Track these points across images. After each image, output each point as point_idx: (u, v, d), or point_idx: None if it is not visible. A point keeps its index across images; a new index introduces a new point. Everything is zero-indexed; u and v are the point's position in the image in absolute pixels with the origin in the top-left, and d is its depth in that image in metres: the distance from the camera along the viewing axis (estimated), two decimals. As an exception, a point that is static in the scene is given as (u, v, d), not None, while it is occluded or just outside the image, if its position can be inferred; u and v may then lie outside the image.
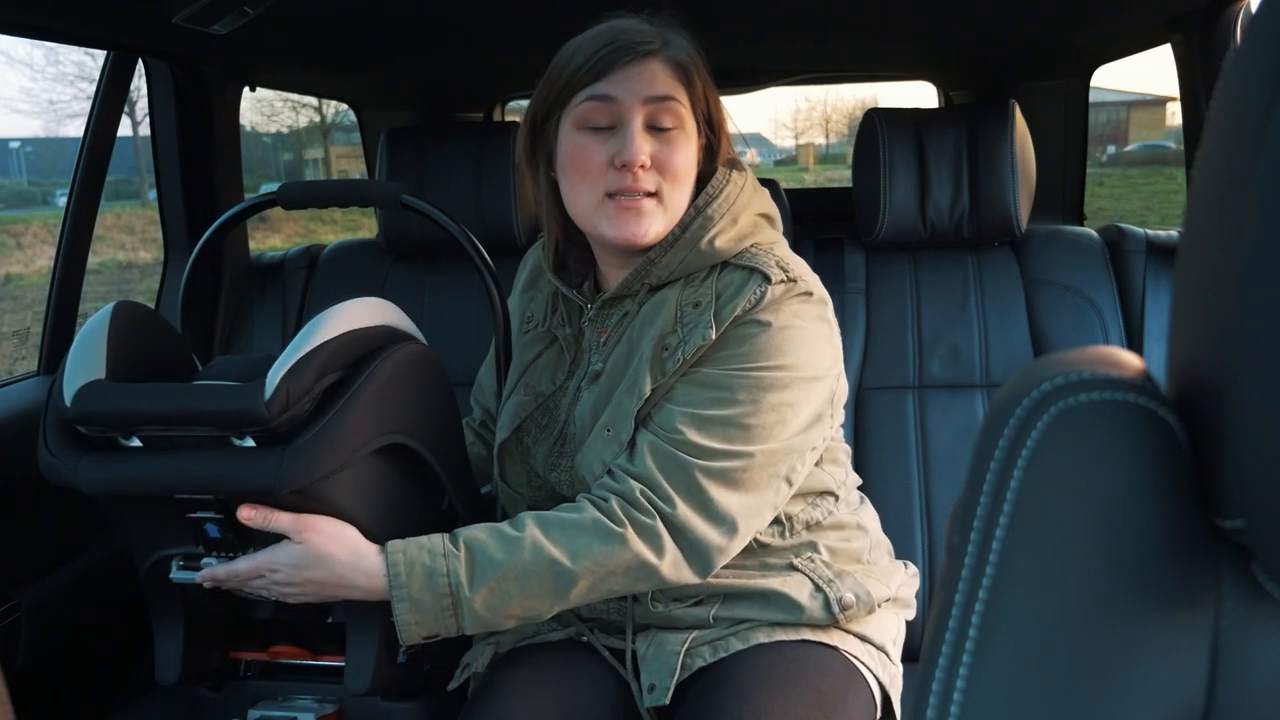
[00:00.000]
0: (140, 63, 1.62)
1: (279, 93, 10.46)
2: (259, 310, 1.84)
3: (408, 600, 0.96)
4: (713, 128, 1.07)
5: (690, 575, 0.99)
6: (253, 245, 2.01)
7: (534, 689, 1.05)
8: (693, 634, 1.07)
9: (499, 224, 1.71)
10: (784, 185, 1.73)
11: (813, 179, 17.76)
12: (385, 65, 1.88)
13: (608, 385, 1.05)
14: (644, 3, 1.06)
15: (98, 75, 1.58)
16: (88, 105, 1.58)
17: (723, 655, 1.05)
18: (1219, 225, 0.37)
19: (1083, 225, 2.00)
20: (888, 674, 1.12)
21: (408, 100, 2.27)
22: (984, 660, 0.40)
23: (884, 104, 1.72)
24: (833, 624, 1.09)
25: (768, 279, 1.01)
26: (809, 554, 1.10)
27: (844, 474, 1.17)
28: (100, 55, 1.56)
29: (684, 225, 1.04)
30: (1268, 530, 0.36)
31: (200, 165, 1.78)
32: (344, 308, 0.95)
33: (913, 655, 1.30)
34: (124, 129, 2.27)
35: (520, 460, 1.13)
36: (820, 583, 1.09)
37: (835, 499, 1.14)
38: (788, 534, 1.09)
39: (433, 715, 1.16)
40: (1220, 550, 0.41)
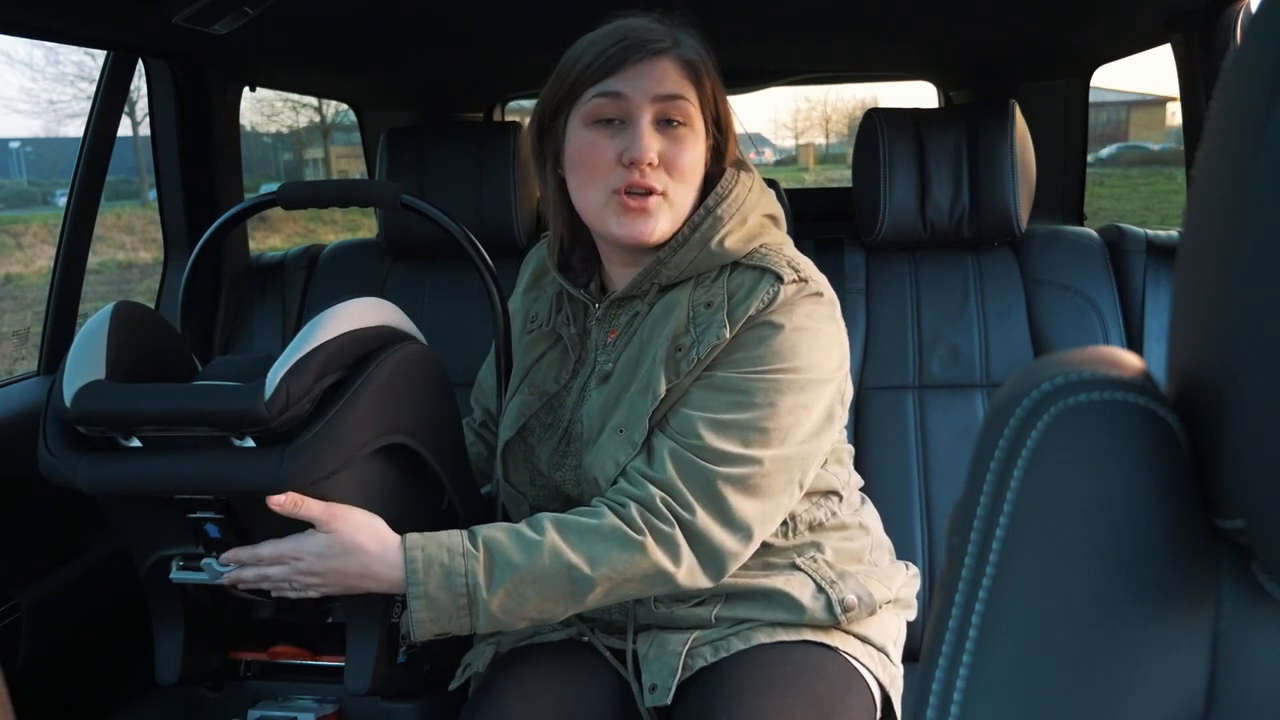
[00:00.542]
0: (140, 63, 1.62)
1: (279, 93, 10.46)
2: (259, 310, 1.84)
3: (424, 598, 0.95)
4: (720, 128, 1.07)
5: (704, 581, 1.00)
6: (253, 245, 2.01)
7: (535, 689, 1.05)
8: (694, 634, 1.07)
9: (499, 224, 1.71)
10: (784, 185, 1.73)
11: (813, 179, 17.76)
12: (385, 65, 1.88)
13: (618, 386, 1.05)
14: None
15: (98, 75, 1.58)
16: (88, 105, 1.58)
17: (724, 655, 1.05)
18: (1219, 225, 0.37)
19: (1083, 225, 2.00)
20: (888, 675, 1.12)
21: (408, 100, 2.27)
22: (984, 660, 0.40)
23: (884, 104, 1.72)
24: (834, 625, 1.09)
25: (780, 279, 1.01)
26: (812, 554, 1.11)
27: (847, 474, 1.17)
28: (100, 55, 1.56)
29: (694, 225, 1.04)
30: (1268, 530, 0.36)
31: (200, 165, 1.78)
32: (344, 308, 0.95)
33: (913, 655, 1.30)
34: (124, 129, 2.27)
35: (523, 460, 1.13)
36: (823, 583, 1.09)
37: (839, 499, 1.14)
38: (791, 534, 1.10)
39: (433, 715, 1.16)
40: (1220, 550, 0.41)
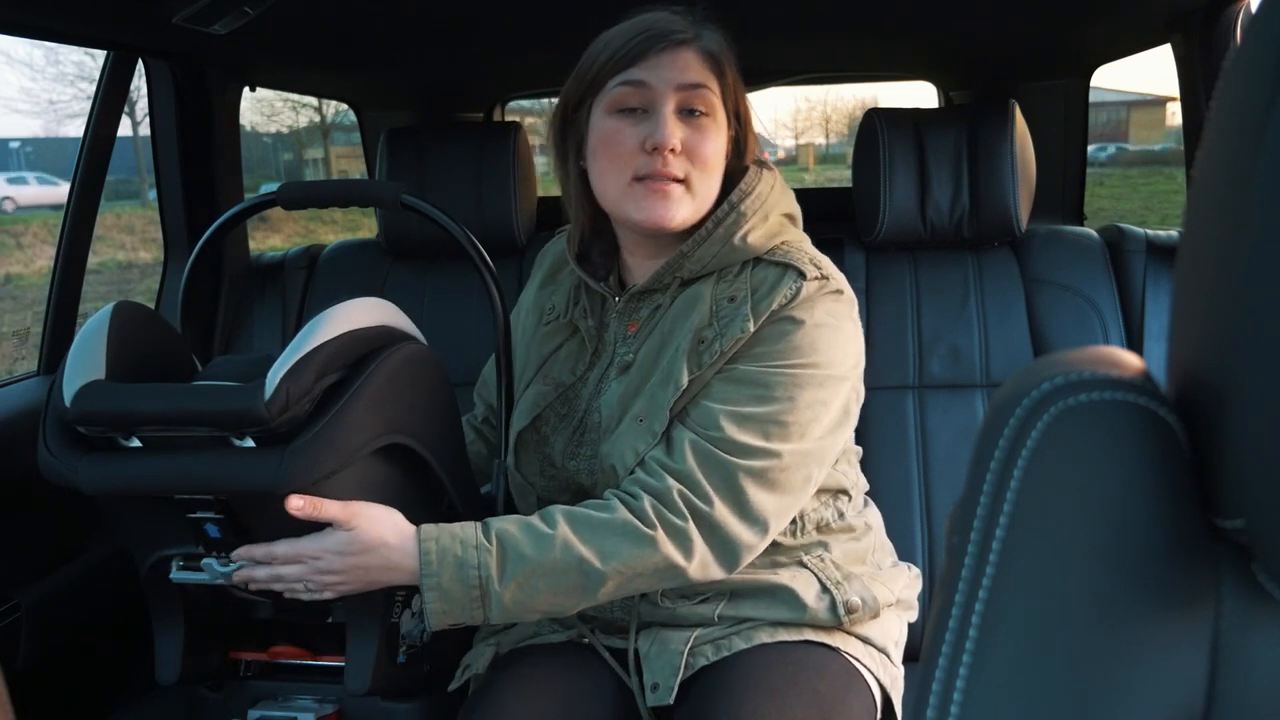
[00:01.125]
0: (140, 63, 1.62)
1: (279, 93, 10.46)
2: (259, 310, 1.84)
3: (437, 589, 0.96)
4: (741, 122, 1.08)
5: (717, 573, 1.00)
6: (253, 245, 2.01)
7: (533, 690, 1.05)
8: (696, 632, 1.07)
9: (499, 224, 1.71)
10: (784, 185, 1.73)
11: (813, 179, 17.76)
12: (385, 65, 1.88)
13: (639, 376, 1.06)
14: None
15: (98, 75, 1.58)
16: (88, 105, 1.58)
17: (725, 654, 1.05)
18: (1219, 225, 0.37)
19: (1083, 225, 2.00)
20: (889, 676, 1.12)
21: (408, 100, 2.27)
22: (984, 660, 0.40)
23: (884, 104, 1.72)
24: (836, 626, 1.09)
25: (803, 275, 1.03)
26: (819, 553, 1.11)
27: (855, 475, 1.18)
28: (100, 55, 1.56)
29: (717, 220, 1.05)
30: (1268, 530, 0.36)
31: (200, 165, 1.78)
32: (344, 308, 0.95)
33: (914, 656, 1.30)
34: (124, 129, 2.27)
35: (535, 450, 1.13)
36: (828, 583, 1.09)
37: (847, 499, 1.15)
38: (799, 533, 1.10)
39: (433, 715, 1.16)
40: (1220, 550, 0.41)
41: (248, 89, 1.86)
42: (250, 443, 0.90)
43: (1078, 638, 0.39)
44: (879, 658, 1.12)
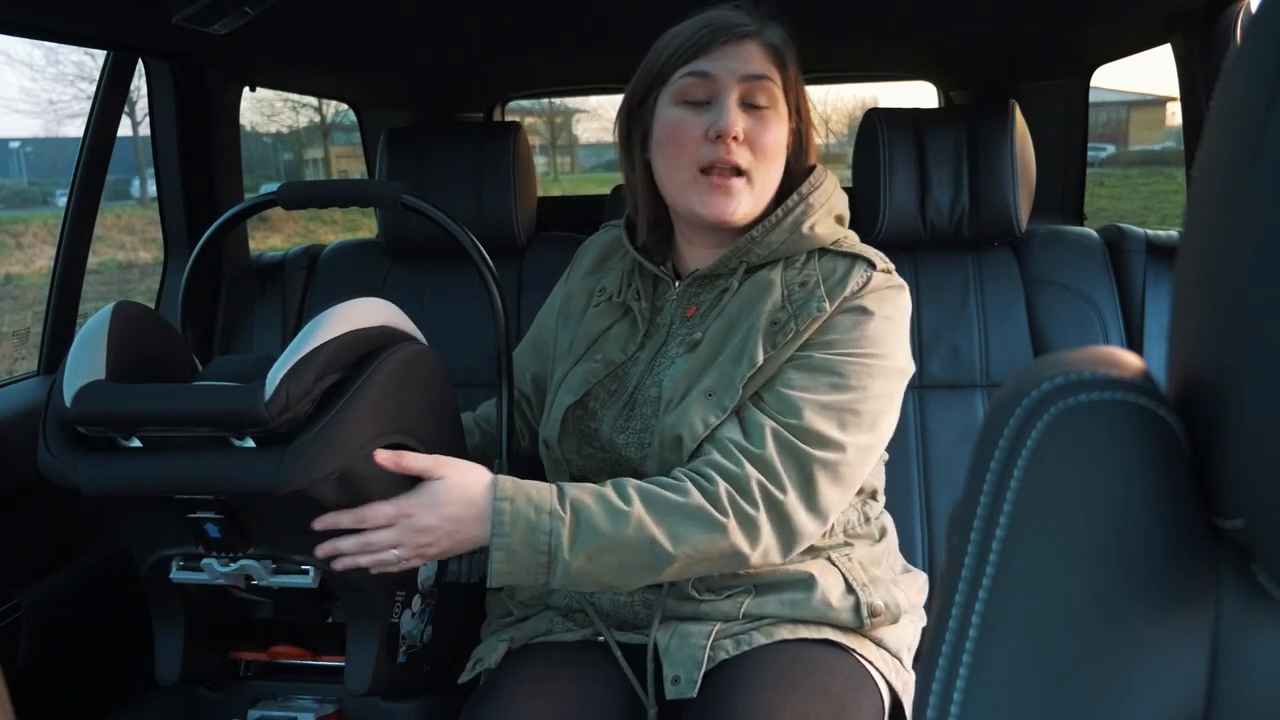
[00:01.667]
0: (140, 63, 1.62)
1: (279, 93, 10.46)
2: (259, 310, 1.84)
3: (506, 550, 0.97)
4: (802, 117, 1.11)
5: (775, 559, 1.02)
6: (253, 245, 2.01)
7: (540, 688, 1.05)
8: (717, 626, 1.07)
9: (499, 224, 1.71)
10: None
11: (813, 179, 17.70)
12: (385, 65, 1.88)
13: (707, 354, 1.08)
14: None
15: (98, 75, 1.58)
16: (88, 105, 1.58)
17: (745, 649, 1.05)
18: (1219, 225, 0.37)
19: (1083, 225, 2.00)
20: (900, 680, 1.12)
21: (408, 100, 2.27)
22: (984, 660, 0.40)
23: (884, 104, 1.72)
24: (856, 628, 1.10)
25: (873, 265, 1.07)
26: (845, 552, 1.13)
27: (883, 477, 1.20)
28: (100, 55, 1.56)
29: (787, 209, 1.08)
30: (1268, 530, 0.36)
31: (200, 165, 1.78)
32: (344, 308, 0.95)
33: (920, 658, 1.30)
34: (124, 129, 2.27)
35: (577, 426, 1.14)
36: (854, 584, 1.10)
37: (874, 502, 1.18)
38: (829, 534, 1.12)
39: (433, 715, 1.16)
40: (1220, 550, 0.41)
41: (248, 89, 1.86)
42: (250, 443, 0.90)
43: (1078, 638, 0.39)
44: (891, 662, 1.12)
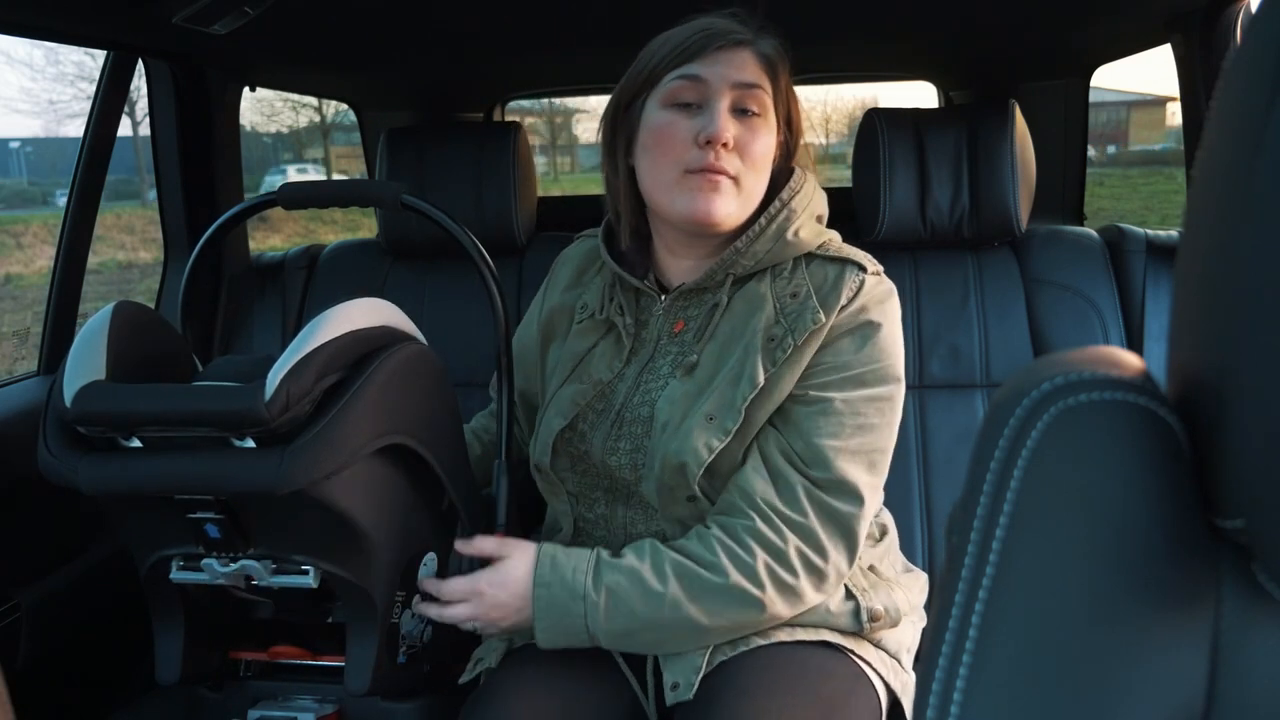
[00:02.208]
0: (140, 63, 1.62)
1: (279, 93, 10.46)
2: (259, 310, 1.84)
3: (547, 631, 1.03)
4: (790, 128, 1.09)
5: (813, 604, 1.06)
6: (253, 245, 2.01)
7: (537, 688, 1.05)
8: None
9: (499, 224, 1.71)
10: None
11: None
12: (385, 65, 1.88)
13: (704, 377, 1.07)
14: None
15: (98, 75, 1.58)
16: (88, 105, 1.58)
17: (742, 650, 1.05)
18: (1219, 225, 0.37)
19: (1083, 225, 2.00)
20: (899, 682, 1.12)
21: (408, 100, 2.27)
22: (984, 660, 0.40)
23: (884, 104, 1.72)
24: (856, 632, 1.10)
25: (863, 268, 1.06)
26: None
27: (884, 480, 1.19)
28: (100, 55, 1.56)
29: (770, 217, 1.07)
30: (1268, 530, 0.36)
31: (200, 165, 1.78)
32: (344, 308, 0.95)
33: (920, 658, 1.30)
34: (124, 129, 2.27)
35: (567, 448, 1.14)
36: (854, 589, 1.10)
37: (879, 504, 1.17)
38: None
39: (433, 715, 1.16)
40: (1220, 550, 0.41)
41: (248, 89, 1.86)
42: (250, 443, 0.90)
43: (1078, 638, 0.39)
44: (890, 663, 1.12)
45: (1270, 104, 0.34)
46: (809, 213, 1.09)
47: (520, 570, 1.04)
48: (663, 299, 1.12)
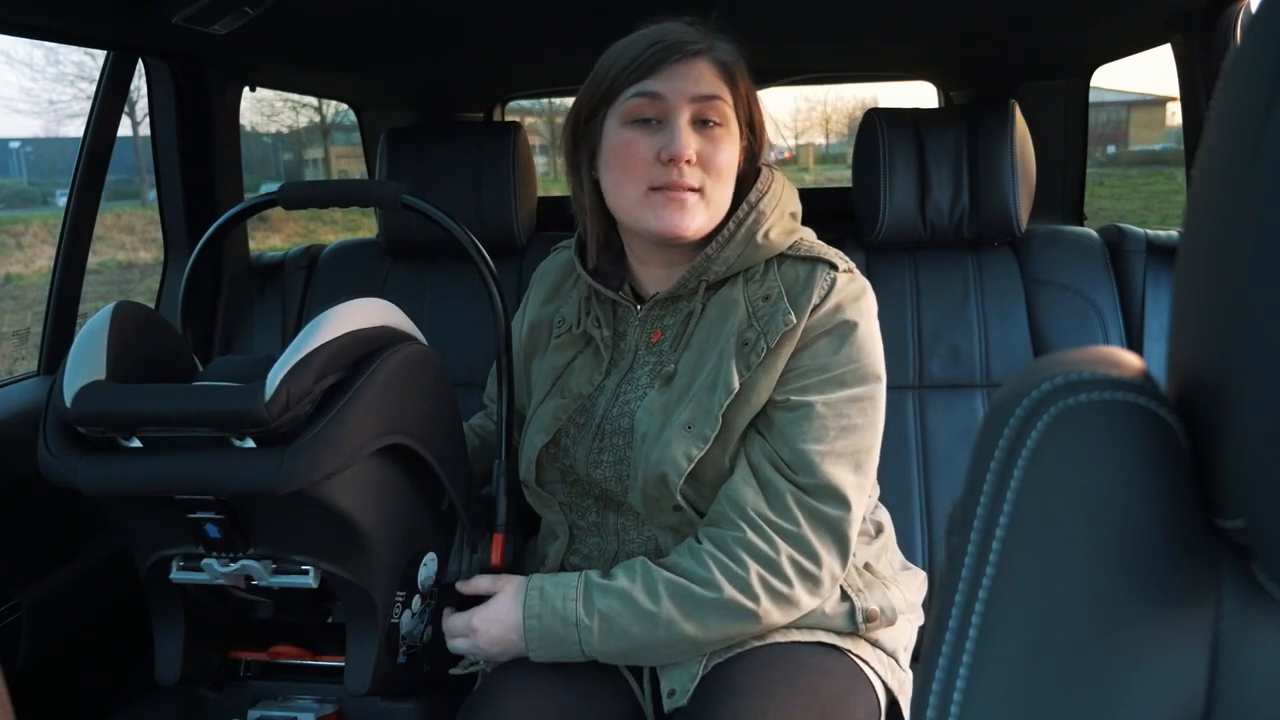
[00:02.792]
0: (140, 63, 1.62)
1: (279, 93, 10.46)
2: (259, 310, 1.84)
3: (546, 657, 1.05)
4: (753, 130, 1.09)
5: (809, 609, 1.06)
6: (253, 245, 2.01)
7: (537, 689, 1.05)
8: None
9: (499, 224, 1.71)
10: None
11: (813, 179, 17.76)
12: (385, 65, 1.88)
13: (681, 386, 1.06)
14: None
15: (98, 75, 1.57)
16: (88, 105, 1.58)
17: (737, 651, 1.06)
18: (1219, 225, 0.37)
19: (1083, 225, 2.00)
20: (897, 680, 1.12)
21: (408, 100, 2.27)
22: (984, 660, 0.40)
23: (884, 104, 1.72)
24: (852, 632, 1.10)
25: (834, 266, 1.05)
26: None
27: (873, 479, 1.19)
28: (100, 55, 1.56)
29: (739, 221, 1.06)
30: (1268, 530, 0.36)
31: (200, 165, 1.78)
32: (344, 308, 0.95)
33: (919, 658, 1.30)
34: (124, 129, 2.27)
35: (554, 461, 1.14)
36: (849, 590, 1.10)
37: (870, 496, 1.17)
38: None
39: (433, 715, 1.16)
40: (1220, 550, 0.41)
41: (248, 89, 1.86)
42: (250, 443, 0.90)
43: (1078, 638, 0.39)
44: (887, 662, 1.12)
45: (1270, 104, 0.34)
46: (779, 212, 1.08)
47: (508, 603, 1.06)
48: (638, 309, 1.12)
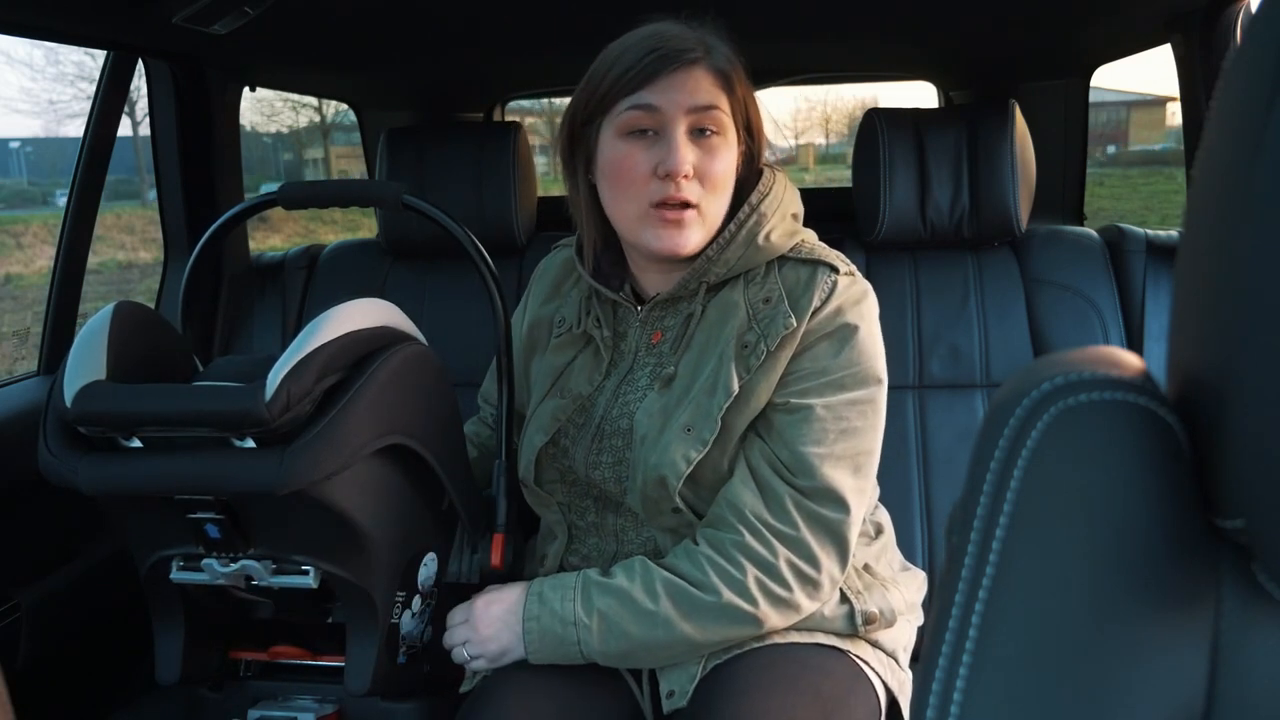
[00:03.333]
0: (140, 63, 1.62)
1: (279, 93, 10.46)
2: (259, 310, 1.84)
3: (538, 656, 1.05)
4: (751, 133, 1.07)
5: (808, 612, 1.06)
6: (253, 245, 2.01)
7: (536, 689, 1.05)
8: None
9: (499, 224, 1.71)
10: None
11: (812, 179, 17.76)
12: (385, 65, 1.88)
13: (681, 388, 1.06)
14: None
15: (98, 75, 1.58)
16: (88, 105, 1.58)
17: (736, 652, 1.06)
18: (1219, 225, 0.37)
19: (1083, 225, 2.00)
20: (896, 680, 1.12)
21: (408, 100, 2.27)
22: (984, 660, 0.40)
23: (884, 104, 1.72)
24: (851, 634, 1.10)
25: (834, 269, 1.04)
26: None
27: (873, 482, 1.19)
28: (100, 55, 1.56)
29: (740, 223, 1.05)
30: (1268, 530, 0.36)
31: (200, 165, 1.78)
32: (344, 309, 0.95)
33: (918, 658, 1.30)
34: (124, 129, 2.27)
35: (553, 462, 1.14)
36: (848, 593, 1.10)
37: (869, 506, 1.16)
38: None
39: (433, 715, 1.16)
40: (1220, 550, 0.41)
41: (248, 89, 1.86)
42: (251, 443, 0.90)
43: (1078, 638, 0.39)
44: (887, 662, 1.12)
45: (1270, 104, 0.34)
46: (780, 213, 1.07)
47: (512, 593, 1.06)
48: (639, 310, 1.12)
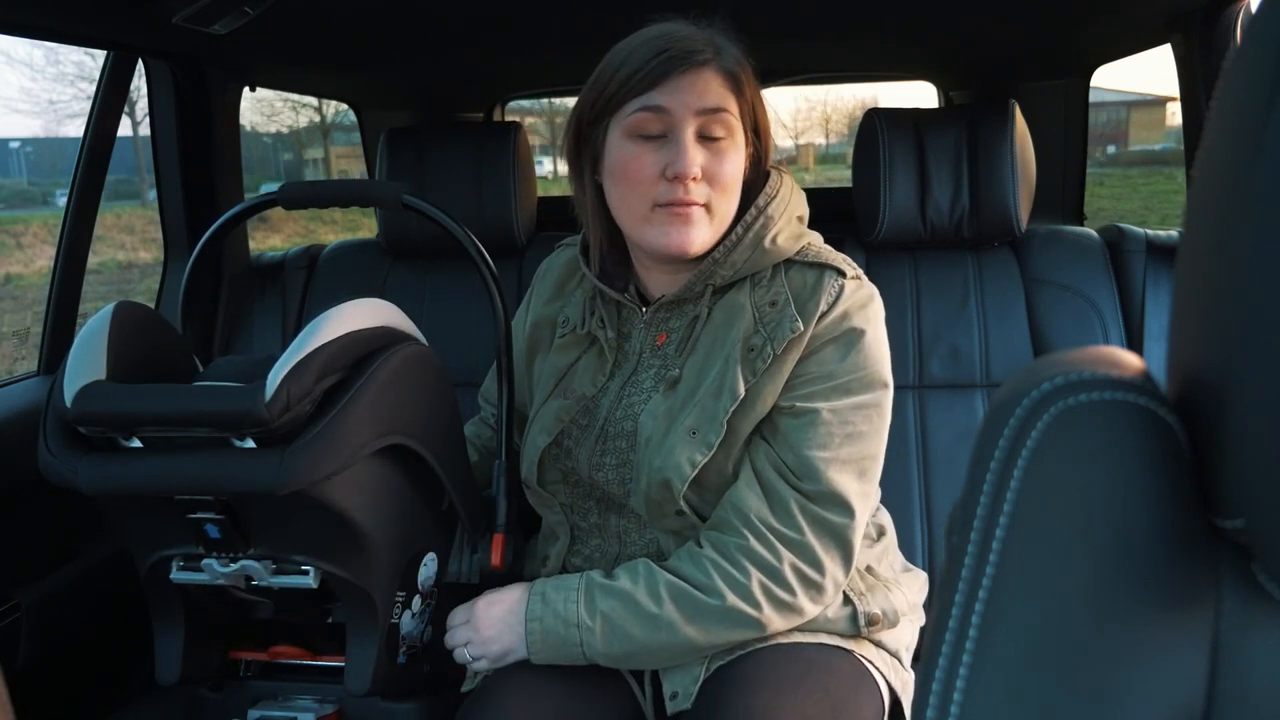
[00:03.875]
0: (140, 63, 1.62)
1: (279, 93, 10.46)
2: (259, 310, 1.84)
3: (540, 657, 1.05)
4: (759, 135, 1.07)
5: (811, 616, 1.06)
6: (253, 245, 2.01)
7: (533, 688, 1.05)
8: None
9: (499, 224, 1.71)
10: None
11: (812, 179, 17.77)
12: (385, 65, 1.88)
13: (686, 391, 1.05)
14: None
15: (98, 75, 1.58)
16: (88, 105, 1.58)
17: (740, 652, 1.05)
18: (1219, 225, 0.37)
19: (1083, 225, 2.00)
20: (899, 680, 1.12)
21: (408, 100, 2.27)
22: (984, 660, 0.40)
23: (884, 104, 1.72)
24: (855, 634, 1.10)
25: (841, 273, 1.04)
26: None
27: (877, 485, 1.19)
28: (100, 55, 1.56)
29: (747, 225, 1.05)
30: (1268, 530, 0.36)
31: (200, 165, 1.78)
32: (344, 309, 0.95)
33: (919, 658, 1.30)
34: (124, 129, 2.27)
35: (556, 462, 1.14)
36: (851, 594, 1.10)
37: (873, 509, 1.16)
38: None
39: (433, 715, 1.16)
40: (1220, 550, 0.41)
41: (248, 89, 1.86)
42: (251, 443, 0.90)
43: (1078, 638, 0.39)
44: (890, 662, 1.12)
45: (1270, 104, 0.34)
46: (787, 216, 1.07)
47: (514, 594, 1.06)
48: (644, 311, 1.11)
